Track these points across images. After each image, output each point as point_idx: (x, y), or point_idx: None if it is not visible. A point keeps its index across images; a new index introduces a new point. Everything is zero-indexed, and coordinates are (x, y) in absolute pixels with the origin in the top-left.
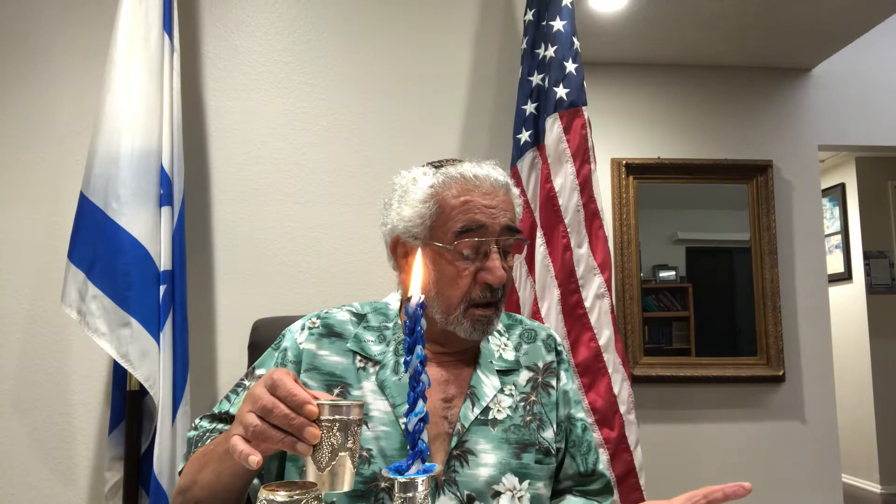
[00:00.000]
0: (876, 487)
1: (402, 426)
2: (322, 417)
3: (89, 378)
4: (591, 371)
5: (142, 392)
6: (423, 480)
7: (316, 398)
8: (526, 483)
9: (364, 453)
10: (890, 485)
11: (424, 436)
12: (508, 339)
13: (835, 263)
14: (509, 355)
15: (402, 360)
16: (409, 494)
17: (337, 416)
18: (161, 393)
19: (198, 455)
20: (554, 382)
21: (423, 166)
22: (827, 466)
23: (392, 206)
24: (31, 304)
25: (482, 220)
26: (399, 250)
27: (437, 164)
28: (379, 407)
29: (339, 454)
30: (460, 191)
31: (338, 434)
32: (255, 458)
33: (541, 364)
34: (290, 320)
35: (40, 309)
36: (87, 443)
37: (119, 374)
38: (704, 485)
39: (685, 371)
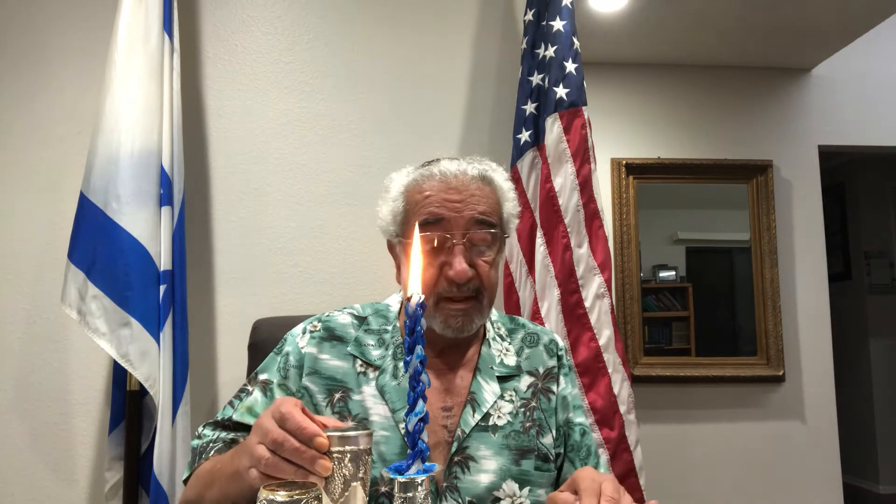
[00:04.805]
0: (876, 487)
1: (402, 430)
2: (333, 449)
3: (89, 378)
4: (591, 371)
5: (142, 392)
6: (423, 480)
7: (324, 426)
8: (526, 490)
9: None
10: (890, 485)
11: (424, 436)
12: (510, 343)
13: (834, 263)
14: (510, 360)
15: (400, 364)
16: (409, 494)
17: (347, 447)
18: (161, 393)
19: (204, 471)
20: (554, 388)
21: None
22: (827, 466)
23: (379, 206)
24: (31, 303)
25: (441, 213)
26: (393, 251)
27: (422, 165)
28: (379, 412)
29: (352, 484)
30: (424, 186)
31: (349, 465)
32: None
33: (542, 369)
34: (289, 320)
35: (40, 309)
36: (87, 443)
37: (119, 374)
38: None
39: (685, 371)
